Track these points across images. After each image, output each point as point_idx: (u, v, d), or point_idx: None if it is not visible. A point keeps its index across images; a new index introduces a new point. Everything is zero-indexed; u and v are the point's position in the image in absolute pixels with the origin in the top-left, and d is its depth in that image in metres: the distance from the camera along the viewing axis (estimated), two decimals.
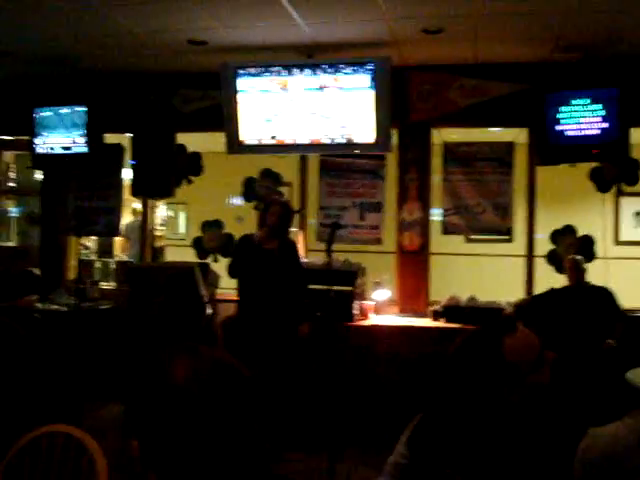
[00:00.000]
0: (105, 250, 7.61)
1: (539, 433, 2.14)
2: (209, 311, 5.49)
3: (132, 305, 5.59)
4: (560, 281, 5.86)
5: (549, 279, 6.11)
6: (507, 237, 6.96)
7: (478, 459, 2.07)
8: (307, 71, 5.87)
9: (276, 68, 5.91)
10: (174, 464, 1.28)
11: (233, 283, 5.61)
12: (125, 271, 6.55)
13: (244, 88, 6.01)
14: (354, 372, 5.74)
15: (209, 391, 1.26)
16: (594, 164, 6.00)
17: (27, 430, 2.48)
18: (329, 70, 5.82)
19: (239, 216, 8.00)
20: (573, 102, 5.71)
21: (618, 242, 8.43)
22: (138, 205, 8.03)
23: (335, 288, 5.85)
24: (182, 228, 10.63)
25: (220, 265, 6.53)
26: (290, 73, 5.90)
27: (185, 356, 1.29)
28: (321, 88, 5.86)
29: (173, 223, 10.66)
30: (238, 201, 7.10)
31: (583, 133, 5.70)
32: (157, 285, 5.10)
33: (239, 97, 6.03)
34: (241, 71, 5.98)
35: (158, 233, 7.71)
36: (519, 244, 6.54)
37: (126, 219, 8.43)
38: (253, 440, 1.33)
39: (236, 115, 6.08)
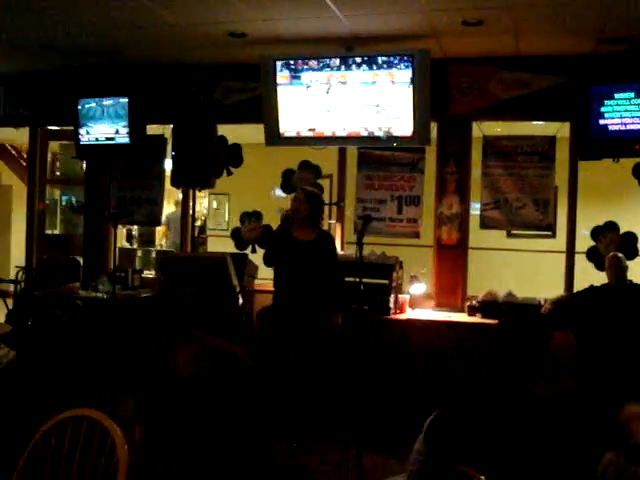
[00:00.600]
0: (147, 239, 7.72)
1: (561, 432, 2.12)
2: (241, 301, 5.59)
3: (164, 294, 5.65)
4: (600, 279, 5.76)
5: (590, 276, 6.01)
6: (548, 233, 6.88)
7: (495, 455, 2.06)
8: (347, 65, 5.87)
9: (315, 62, 5.92)
10: (174, 449, 1.31)
11: (271, 274, 5.64)
12: (159, 260, 6.64)
13: (283, 81, 6.04)
14: (388, 365, 5.74)
15: (210, 380, 1.28)
16: (638, 159, 5.87)
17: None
18: (369, 63, 5.81)
19: (280, 207, 8.03)
20: (617, 96, 5.59)
21: None
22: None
23: (370, 281, 5.89)
24: (226, 219, 10.73)
25: (258, 256, 6.57)
26: (329, 67, 5.91)
27: (189, 345, 1.31)
28: (361, 82, 5.86)
29: (217, 214, 10.77)
30: (280, 192, 7.11)
31: (627, 128, 5.58)
32: (189, 275, 5.16)
33: (278, 89, 6.06)
34: (280, 63, 6.00)
35: (198, 223, 7.78)
36: (561, 240, 6.44)
37: (168, 209, 8.55)
38: (253, 428, 1.35)
39: (276, 107, 6.12)
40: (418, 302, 6.31)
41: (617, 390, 4.70)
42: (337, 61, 5.90)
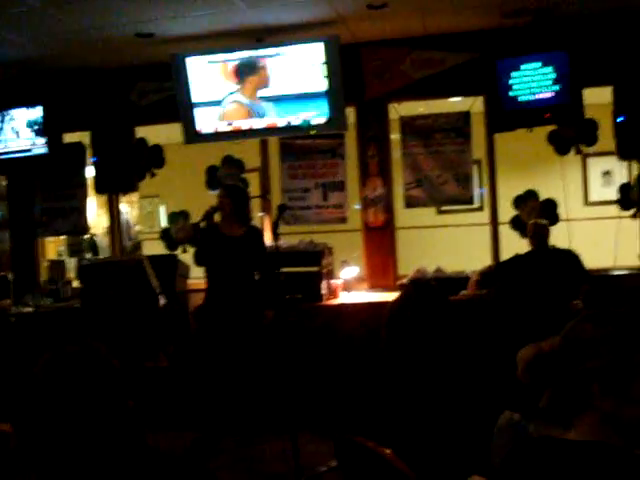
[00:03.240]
0: (77, 249, 7.61)
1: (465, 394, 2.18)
2: (162, 302, 5.57)
3: (86, 302, 5.62)
4: (527, 247, 5.90)
5: (518, 245, 6.15)
6: (477, 206, 7.03)
7: (398, 425, 2.12)
8: (254, 53, 5.89)
9: (224, 54, 5.92)
10: (45, 453, 1.32)
11: (204, 273, 5.63)
12: (78, 269, 6.57)
13: (194, 76, 6.02)
14: (323, 351, 5.78)
15: (69, 380, 1.29)
16: (551, 127, 6.03)
17: None
18: (277, 51, 5.84)
19: (211, 205, 8.00)
20: (524, 67, 5.73)
21: (588, 203, 8.49)
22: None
23: (301, 269, 5.94)
24: (162, 222, 10.62)
25: (189, 256, 6.55)
26: (238, 58, 5.92)
27: (49, 351, 1.33)
28: (271, 71, 5.88)
29: (150, 217, 10.65)
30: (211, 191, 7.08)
31: (536, 97, 5.73)
32: (107, 279, 5.14)
33: (190, 86, 6.04)
34: (189, 60, 5.98)
35: (137, 228, 7.73)
36: (488, 212, 6.58)
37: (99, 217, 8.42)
38: (120, 420, 1.37)
39: (190, 105, 6.10)
40: (352, 286, 6.37)
41: None
42: (245, 51, 5.91)
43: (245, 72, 5.98)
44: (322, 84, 5.81)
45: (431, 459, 2.01)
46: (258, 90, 5.99)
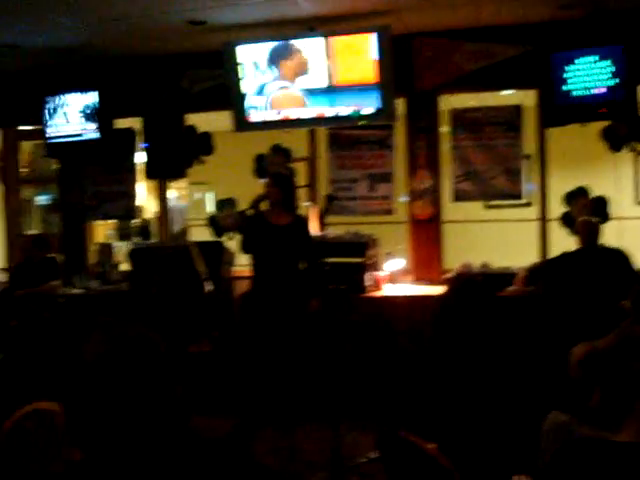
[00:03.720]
0: (125, 233, 7.73)
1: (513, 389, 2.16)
2: (208, 287, 5.62)
3: (134, 285, 5.69)
4: (576, 244, 5.79)
5: (567, 242, 6.05)
6: (526, 202, 6.92)
7: (443, 421, 2.10)
8: (309, 42, 5.88)
9: (278, 43, 5.93)
10: (92, 434, 1.34)
11: (249, 260, 5.66)
12: (128, 253, 6.66)
13: (247, 66, 6.04)
14: (367, 342, 5.77)
15: (120, 365, 1.31)
16: (605, 123, 5.90)
17: None
18: (329, 40, 5.82)
19: (259, 194, 8.04)
20: (578, 61, 5.62)
21: (639, 202, 8.29)
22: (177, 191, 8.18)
23: (345, 260, 5.93)
24: (209, 209, 10.72)
25: (235, 243, 6.59)
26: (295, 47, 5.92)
27: (98, 332, 1.34)
28: (324, 59, 5.87)
29: (198, 204, 10.76)
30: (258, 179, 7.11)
31: (590, 92, 5.61)
32: (156, 264, 5.20)
33: (241, 74, 6.06)
34: (241, 48, 6.00)
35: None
36: (537, 208, 6.49)
37: (149, 202, 8.53)
38: (171, 405, 1.38)
39: (240, 93, 6.12)
40: (396, 278, 6.34)
41: None
42: (300, 39, 5.90)
43: (293, 60, 5.97)
44: (373, 74, 5.77)
45: (475, 456, 1.99)
46: (300, 77, 5.96)
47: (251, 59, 6.06)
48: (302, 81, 5.99)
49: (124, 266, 7.22)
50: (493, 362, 2.13)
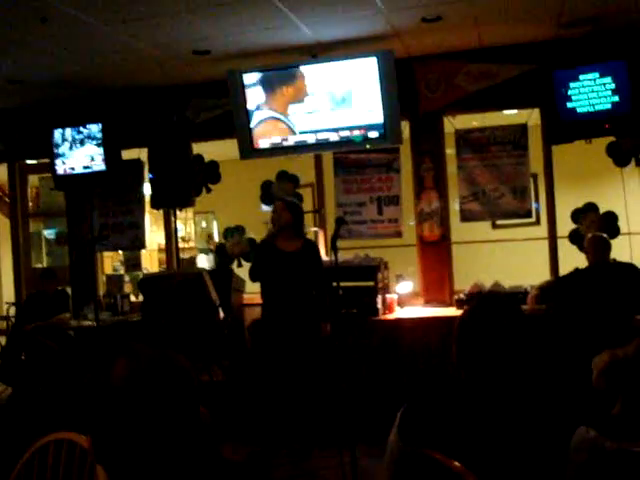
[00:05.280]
0: (134, 264, 7.74)
1: (536, 413, 2.13)
2: (222, 314, 5.60)
3: (146, 314, 5.68)
4: (585, 261, 5.77)
5: (576, 259, 6.03)
6: (533, 220, 6.91)
7: (467, 439, 2.07)
8: (311, 70, 5.93)
9: (280, 72, 5.98)
10: (119, 457, 1.33)
11: (259, 287, 5.65)
12: (137, 282, 6.65)
13: (251, 94, 6.09)
14: (380, 366, 5.74)
15: (146, 388, 1.30)
16: (610, 139, 5.92)
17: None
18: (333, 67, 5.86)
19: (266, 220, 8.06)
20: (581, 77, 5.64)
21: None
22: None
23: (356, 284, 5.92)
24: (216, 237, 10.75)
25: (244, 270, 6.59)
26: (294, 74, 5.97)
27: (125, 357, 1.33)
28: (327, 86, 5.90)
29: (205, 233, 10.80)
30: (265, 207, 7.13)
31: (594, 108, 5.63)
32: (167, 292, 5.19)
33: (247, 102, 6.11)
34: (246, 77, 6.05)
35: (181, 244, 7.79)
36: (545, 227, 6.48)
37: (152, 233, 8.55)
38: (196, 429, 1.37)
39: (246, 120, 6.16)
40: (407, 300, 6.34)
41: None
42: (302, 67, 5.95)
43: (295, 85, 6.02)
44: (376, 98, 5.80)
45: (502, 473, 1.96)
46: (298, 103, 6.02)
47: (252, 86, 6.10)
48: (302, 107, 6.03)
49: (133, 297, 7.23)
50: (520, 378, 2.11)
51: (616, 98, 5.56)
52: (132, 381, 1.29)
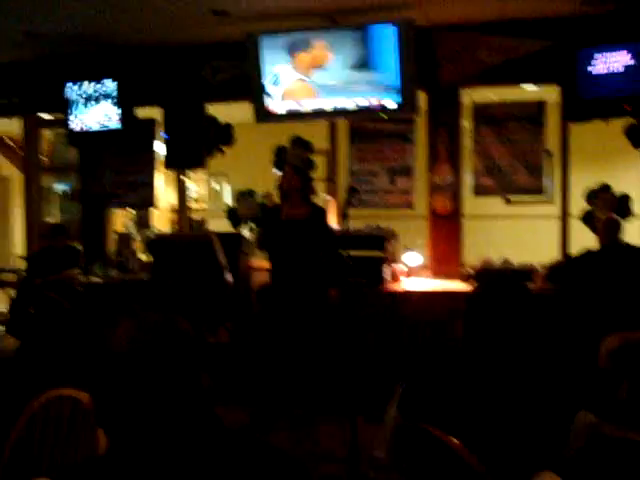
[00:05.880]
0: (143, 223, 7.76)
1: (537, 393, 2.13)
2: (229, 278, 5.62)
3: (155, 276, 5.69)
4: (597, 242, 5.74)
5: (587, 239, 5.99)
6: (546, 198, 6.85)
7: (467, 416, 2.08)
8: (331, 35, 5.85)
9: (299, 34, 5.91)
10: (120, 421, 1.34)
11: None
12: (147, 242, 6.66)
13: (269, 56, 6.03)
14: (385, 336, 5.76)
15: (143, 351, 1.30)
16: (629, 120, 5.84)
17: None
18: (354, 34, 5.79)
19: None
20: (604, 56, 5.55)
21: None
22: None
23: (365, 253, 5.91)
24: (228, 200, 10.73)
25: (254, 234, 6.59)
26: (313, 40, 5.89)
27: (127, 320, 1.34)
28: (346, 53, 5.84)
29: (217, 196, 10.78)
30: (278, 171, 7.10)
31: (614, 88, 5.55)
32: (177, 254, 5.20)
33: (263, 65, 6.05)
34: (263, 39, 5.99)
35: (194, 205, 7.77)
36: (558, 205, 6.44)
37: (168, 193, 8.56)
38: (200, 393, 1.38)
39: (262, 83, 6.11)
40: (414, 273, 6.33)
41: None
42: (321, 32, 5.88)
43: (311, 52, 5.95)
44: (395, 67, 5.74)
45: (501, 452, 1.97)
46: (318, 69, 5.95)
47: (271, 50, 6.04)
48: (319, 74, 5.97)
49: (143, 256, 7.25)
50: (526, 357, 2.12)
51: (637, 78, 5.47)
52: (134, 345, 1.30)
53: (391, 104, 5.86)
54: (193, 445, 1.34)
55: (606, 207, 6.00)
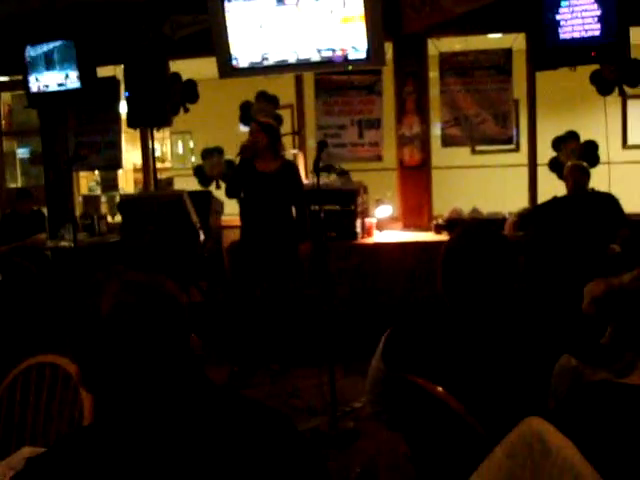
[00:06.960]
0: (110, 184, 7.65)
1: (517, 339, 2.15)
2: (202, 237, 5.58)
3: (125, 236, 5.63)
4: (565, 189, 5.80)
5: (555, 187, 6.05)
6: (512, 147, 6.89)
7: (451, 365, 2.10)
8: None
9: None
10: (108, 387, 1.32)
11: (237, 209, 5.61)
12: (117, 203, 6.57)
13: (231, 8, 5.90)
14: (358, 288, 5.79)
15: (130, 314, 1.28)
16: (594, 67, 5.85)
17: None
18: None
19: (243, 141, 7.94)
20: (570, 3, 5.52)
21: (626, 146, 8.29)
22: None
23: (336, 207, 5.91)
24: (193, 158, 10.60)
25: (223, 192, 6.53)
26: None
27: (112, 282, 1.31)
28: (309, 4, 5.74)
29: (181, 155, 10.64)
30: (243, 127, 7.00)
31: (581, 35, 5.52)
32: (148, 214, 5.14)
33: (227, 19, 5.93)
34: None
35: (158, 165, 7.64)
36: (524, 153, 6.46)
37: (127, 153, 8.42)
38: (188, 353, 1.37)
39: (225, 37, 5.99)
40: (385, 225, 6.34)
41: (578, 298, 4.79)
42: None
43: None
44: (360, 17, 5.66)
45: (486, 399, 2.00)
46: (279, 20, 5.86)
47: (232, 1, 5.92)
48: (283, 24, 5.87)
49: (110, 218, 7.17)
50: (505, 304, 2.14)
51: (603, 26, 5.46)
52: (120, 307, 1.27)
53: (357, 55, 5.78)
54: (187, 408, 1.33)
55: (573, 154, 6.06)
